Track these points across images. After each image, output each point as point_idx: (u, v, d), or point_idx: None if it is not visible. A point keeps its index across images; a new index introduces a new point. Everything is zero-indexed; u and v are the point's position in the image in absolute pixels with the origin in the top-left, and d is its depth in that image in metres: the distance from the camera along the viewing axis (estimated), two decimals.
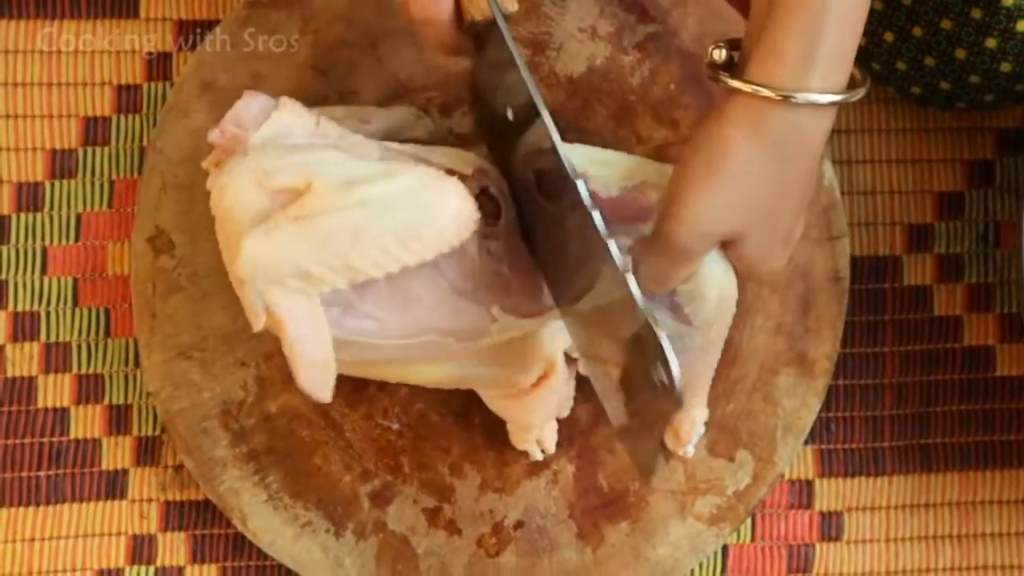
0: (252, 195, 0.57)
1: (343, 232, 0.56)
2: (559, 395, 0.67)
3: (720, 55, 0.59)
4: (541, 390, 0.66)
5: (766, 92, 0.56)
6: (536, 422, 0.68)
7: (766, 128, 0.56)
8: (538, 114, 0.59)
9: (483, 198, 0.64)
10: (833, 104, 0.57)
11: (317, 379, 0.58)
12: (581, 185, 0.58)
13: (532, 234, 0.66)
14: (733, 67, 0.59)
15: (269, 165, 0.57)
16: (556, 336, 0.66)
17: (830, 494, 0.75)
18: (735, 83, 0.57)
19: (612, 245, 0.57)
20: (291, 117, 0.60)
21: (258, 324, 0.59)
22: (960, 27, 0.68)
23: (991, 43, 0.68)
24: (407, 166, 0.60)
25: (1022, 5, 0.66)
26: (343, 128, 0.62)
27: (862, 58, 0.73)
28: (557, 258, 0.63)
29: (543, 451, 0.70)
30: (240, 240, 0.57)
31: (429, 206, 0.58)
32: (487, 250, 0.64)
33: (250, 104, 0.60)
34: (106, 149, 0.75)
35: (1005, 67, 0.69)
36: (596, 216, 0.57)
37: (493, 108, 0.65)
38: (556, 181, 0.60)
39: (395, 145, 0.64)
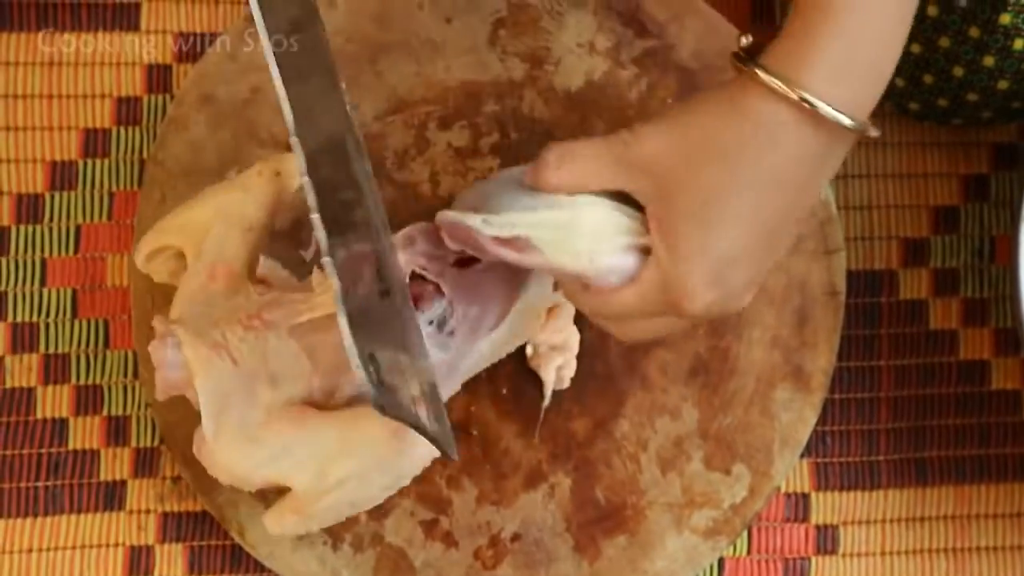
0: (242, 487, 0.62)
1: (340, 507, 0.62)
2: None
3: (746, 40, 0.55)
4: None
5: (791, 93, 0.51)
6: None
7: (785, 138, 0.52)
8: None
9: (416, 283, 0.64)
10: (856, 131, 0.53)
11: None
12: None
13: None
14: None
15: (239, 470, 0.60)
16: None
17: (826, 507, 0.75)
18: (766, 78, 0.52)
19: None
20: (209, 374, 0.59)
21: None
22: (958, 45, 0.69)
23: (989, 61, 0.69)
24: (358, 420, 0.61)
25: (1019, 24, 0.67)
26: (254, 339, 0.61)
27: None
28: None
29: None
30: (264, 518, 0.63)
31: (402, 460, 0.61)
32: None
33: (170, 368, 0.61)
34: (106, 161, 0.75)
35: (1002, 85, 0.70)
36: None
37: None
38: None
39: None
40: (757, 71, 0.52)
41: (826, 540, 0.75)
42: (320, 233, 0.54)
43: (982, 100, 0.71)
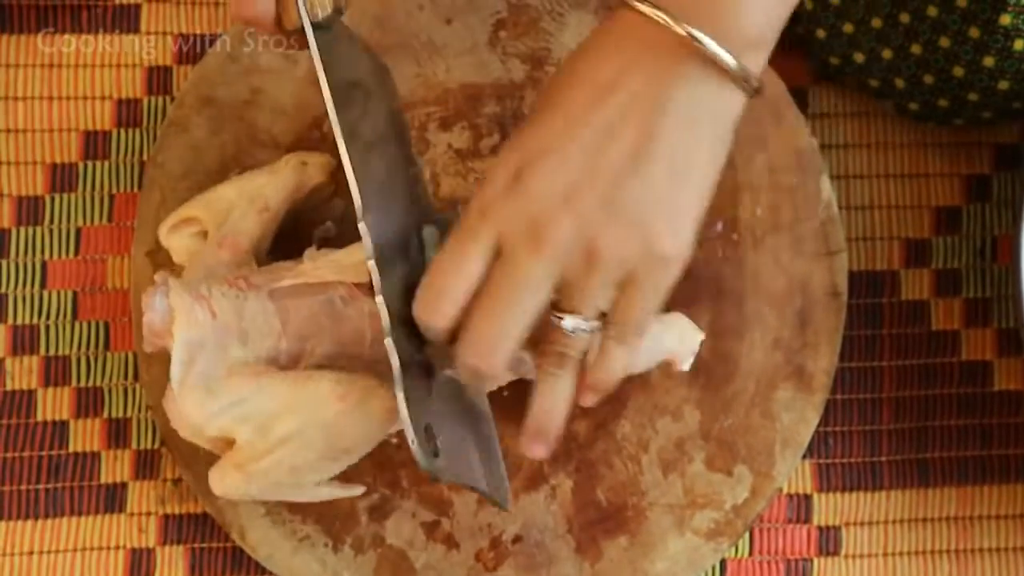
0: (195, 439, 0.64)
1: (279, 470, 0.62)
2: None
3: None
4: None
5: (670, 23, 0.48)
6: None
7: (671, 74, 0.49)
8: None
9: None
10: (743, 76, 0.49)
11: None
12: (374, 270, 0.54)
13: None
14: None
15: (193, 419, 0.63)
16: None
17: (828, 509, 0.75)
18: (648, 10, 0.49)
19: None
20: (187, 322, 0.62)
21: None
22: (958, 45, 0.69)
23: (989, 61, 0.68)
24: (311, 380, 0.62)
25: (1020, 25, 0.67)
26: (235, 297, 0.63)
27: (860, 74, 0.73)
28: None
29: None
30: (209, 475, 0.65)
31: (349, 428, 0.63)
32: None
33: (153, 312, 0.63)
34: (106, 163, 0.75)
35: (1003, 85, 0.69)
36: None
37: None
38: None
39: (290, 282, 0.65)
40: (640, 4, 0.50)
41: (828, 541, 0.75)
42: (384, 314, 0.55)
43: (983, 100, 0.71)
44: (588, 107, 0.51)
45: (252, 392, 0.62)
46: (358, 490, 0.67)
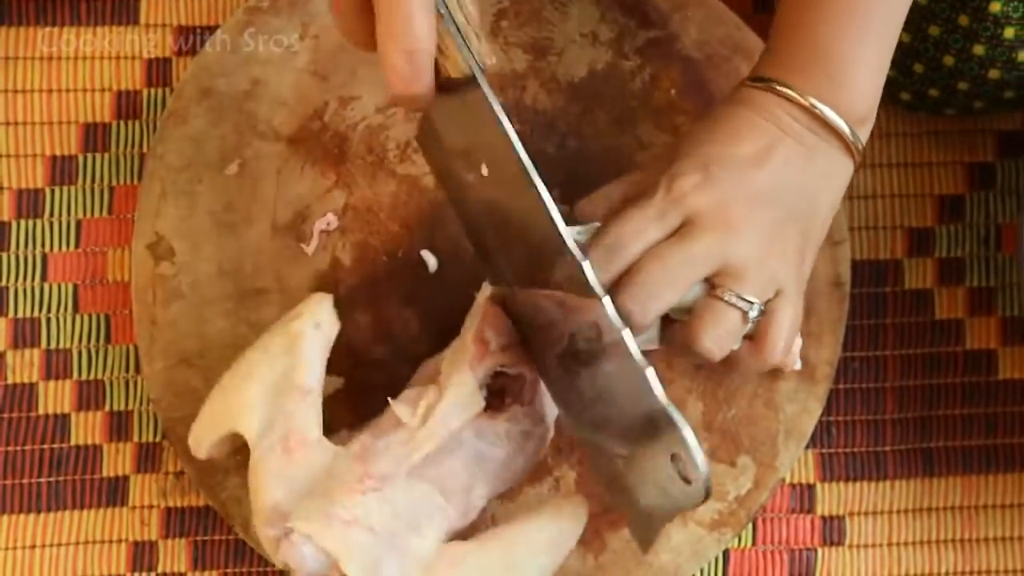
0: None
1: None
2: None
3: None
4: None
5: (801, 99, 0.58)
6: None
7: (803, 139, 0.58)
8: (530, 186, 0.52)
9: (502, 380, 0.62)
10: (857, 147, 0.59)
11: None
12: (626, 334, 0.52)
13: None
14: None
15: None
16: None
17: (832, 498, 0.75)
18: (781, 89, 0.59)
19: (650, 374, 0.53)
20: (351, 551, 0.57)
21: None
22: (948, 33, 0.68)
23: (979, 50, 0.68)
24: (512, 532, 0.60)
25: (1010, 12, 0.66)
26: (375, 498, 0.59)
27: None
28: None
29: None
30: None
31: (567, 546, 0.61)
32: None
33: (305, 559, 0.58)
34: (106, 155, 0.75)
35: (993, 74, 0.69)
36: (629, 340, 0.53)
37: (456, 160, 0.58)
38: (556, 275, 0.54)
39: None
40: (771, 85, 0.59)
41: (832, 531, 0.74)
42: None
43: (973, 89, 0.70)
44: (752, 170, 0.59)
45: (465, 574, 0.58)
46: None
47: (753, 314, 0.57)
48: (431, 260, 0.71)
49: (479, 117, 0.53)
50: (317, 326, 0.62)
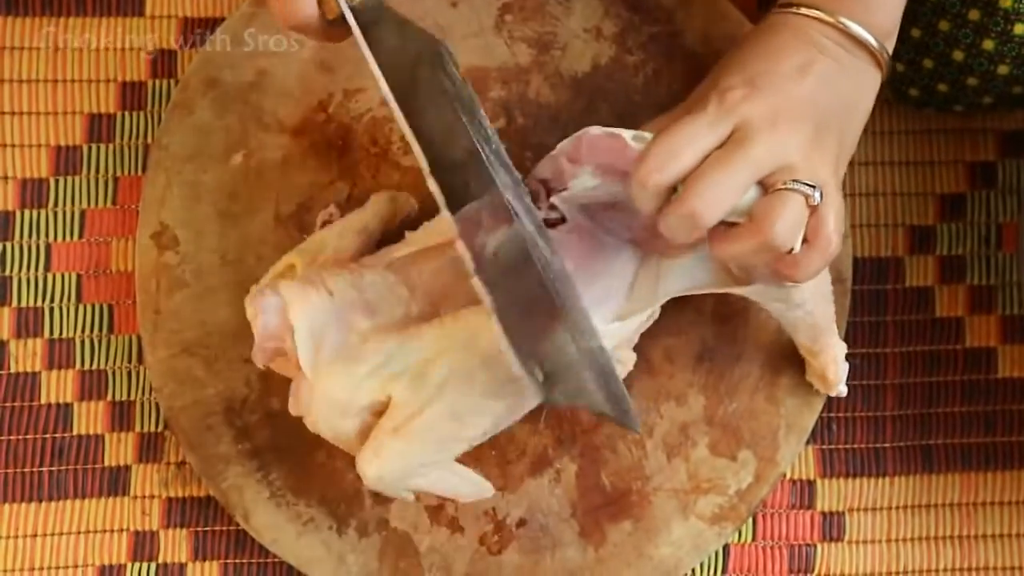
0: (342, 422, 0.60)
1: (443, 420, 0.59)
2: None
3: None
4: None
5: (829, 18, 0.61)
6: None
7: (836, 53, 0.61)
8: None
9: None
10: (877, 52, 0.61)
11: None
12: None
13: None
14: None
15: (341, 393, 0.59)
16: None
17: (831, 494, 0.75)
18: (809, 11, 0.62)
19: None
20: (304, 307, 0.60)
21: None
22: (958, 28, 0.69)
23: (989, 45, 0.68)
24: (457, 319, 0.60)
25: (1020, 8, 0.66)
26: (349, 275, 0.62)
27: None
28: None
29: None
30: (358, 462, 0.60)
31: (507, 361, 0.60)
32: None
33: (266, 312, 0.61)
34: (111, 146, 0.75)
35: (1003, 69, 0.69)
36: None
37: None
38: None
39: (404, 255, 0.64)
40: (804, 9, 0.63)
41: (832, 527, 0.75)
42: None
43: (982, 85, 0.71)
44: (794, 82, 0.62)
45: (397, 347, 0.59)
46: (489, 491, 0.64)
47: (816, 196, 0.59)
48: None
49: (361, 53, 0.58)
50: (393, 199, 0.69)
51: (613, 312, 0.64)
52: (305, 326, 0.59)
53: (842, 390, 0.71)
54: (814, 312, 0.67)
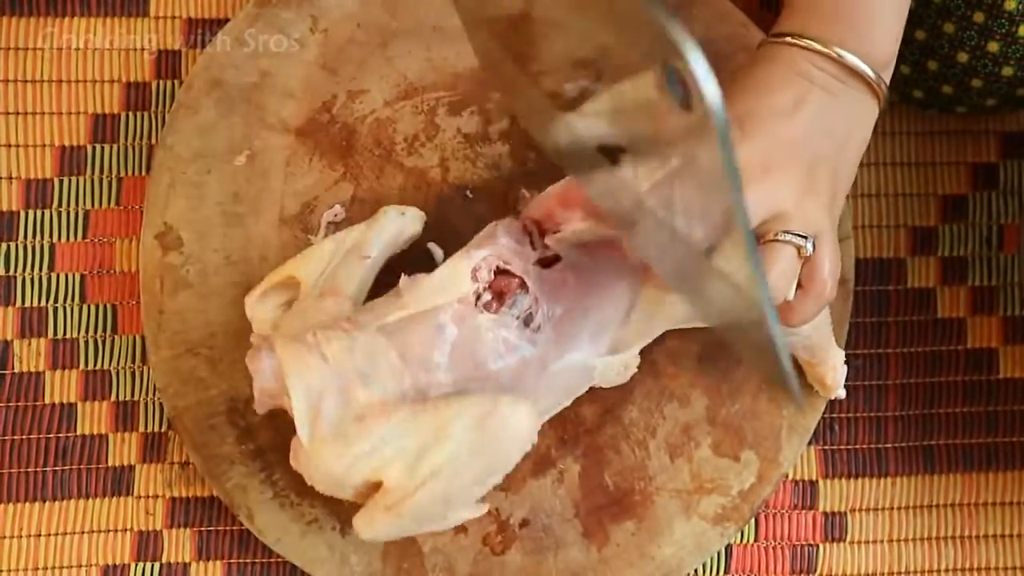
0: (338, 491, 0.62)
1: (433, 504, 0.61)
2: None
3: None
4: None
5: (826, 49, 0.59)
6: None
7: (832, 87, 0.59)
8: None
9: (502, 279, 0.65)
10: (878, 84, 0.59)
11: None
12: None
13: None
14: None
15: (337, 469, 0.60)
16: None
17: (834, 495, 0.75)
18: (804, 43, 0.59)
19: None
20: (301, 372, 0.61)
21: None
22: (962, 31, 0.69)
23: (993, 47, 0.69)
24: (451, 408, 0.61)
25: None
26: (344, 336, 0.62)
27: None
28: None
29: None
30: (354, 521, 0.62)
31: (496, 446, 0.61)
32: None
33: (264, 372, 0.62)
34: (115, 146, 0.75)
35: (1007, 71, 0.70)
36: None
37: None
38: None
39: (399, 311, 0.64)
40: (795, 39, 0.60)
41: (834, 527, 0.75)
42: None
43: (986, 87, 0.71)
44: (784, 121, 0.60)
45: (391, 431, 0.60)
46: (484, 508, 0.65)
47: (808, 247, 0.58)
48: (438, 252, 0.71)
49: None
50: (401, 214, 0.69)
51: (606, 346, 0.66)
52: (302, 394, 0.60)
53: (841, 394, 0.71)
54: (811, 336, 0.68)
